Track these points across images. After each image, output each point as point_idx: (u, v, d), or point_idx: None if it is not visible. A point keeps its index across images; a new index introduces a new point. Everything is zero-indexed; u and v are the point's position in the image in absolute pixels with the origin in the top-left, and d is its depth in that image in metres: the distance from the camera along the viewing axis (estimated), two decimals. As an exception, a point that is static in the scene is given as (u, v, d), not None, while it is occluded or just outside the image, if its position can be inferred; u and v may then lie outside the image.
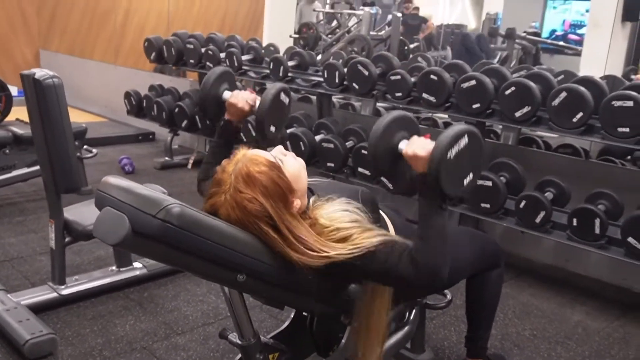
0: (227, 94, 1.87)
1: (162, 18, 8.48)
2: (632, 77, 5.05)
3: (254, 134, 3.75)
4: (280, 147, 1.54)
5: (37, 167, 3.63)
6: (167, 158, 4.87)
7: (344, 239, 1.42)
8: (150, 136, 5.78)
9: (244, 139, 3.74)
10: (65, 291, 2.46)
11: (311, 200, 1.54)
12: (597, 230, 2.62)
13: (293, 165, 1.49)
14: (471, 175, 1.50)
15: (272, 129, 1.85)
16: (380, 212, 1.70)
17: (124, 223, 1.20)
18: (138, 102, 5.02)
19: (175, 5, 8.58)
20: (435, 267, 1.40)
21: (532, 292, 2.95)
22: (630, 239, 2.50)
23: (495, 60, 7.10)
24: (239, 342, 1.60)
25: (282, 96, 1.86)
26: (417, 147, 1.46)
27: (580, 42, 10.85)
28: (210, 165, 1.77)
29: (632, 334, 2.59)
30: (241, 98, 1.81)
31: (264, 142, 1.82)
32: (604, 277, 3.08)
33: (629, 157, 3.87)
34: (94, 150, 3.89)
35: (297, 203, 1.44)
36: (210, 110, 1.90)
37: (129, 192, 1.26)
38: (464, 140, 1.43)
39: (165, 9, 8.49)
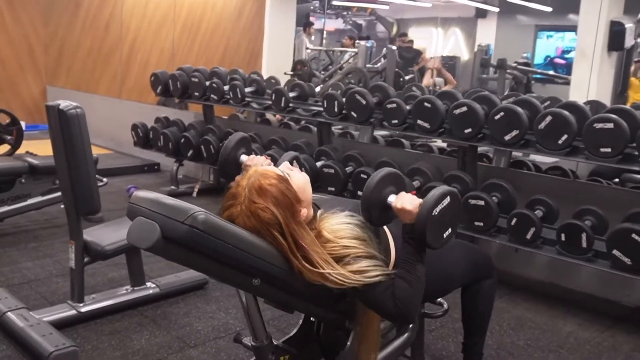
0: (244, 158, 2.08)
1: (165, 53, 8.77)
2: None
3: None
4: (286, 163, 1.75)
5: (51, 196, 3.85)
6: (173, 187, 5.05)
7: (342, 258, 1.60)
8: (156, 167, 5.97)
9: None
10: (84, 309, 2.61)
11: (318, 213, 1.72)
12: (584, 244, 2.78)
13: (299, 179, 1.68)
14: (450, 230, 1.70)
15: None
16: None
17: (155, 229, 1.36)
18: (145, 134, 5.21)
19: (178, 41, 8.88)
20: (412, 307, 1.62)
21: (527, 306, 3.09)
22: (615, 252, 2.66)
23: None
24: (253, 343, 1.74)
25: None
26: (405, 201, 1.66)
27: (564, 66, 11.25)
28: None
29: (621, 342, 2.73)
30: (256, 162, 2.01)
31: None
32: (595, 292, 3.23)
33: (617, 179, 4.05)
34: (104, 179, 4.07)
35: (304, 212, 1.62)
36: (229, 171, 2.10)
37: (158, 202, 1.42)
38: (447, 200, 1.65)
39: (168, 45, 8.79)
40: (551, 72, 9.63)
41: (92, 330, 2.56)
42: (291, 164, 2.13)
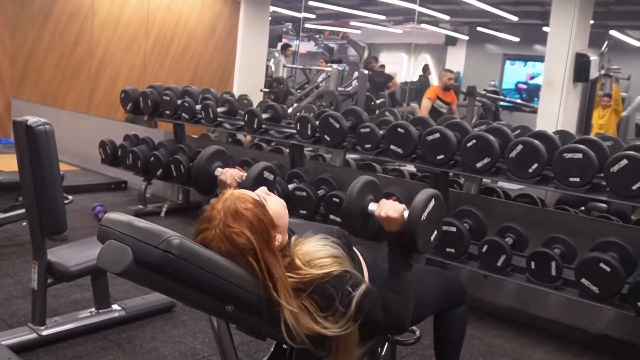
0: (218, 171, 2.04)
1: (136, 70, 8.68)
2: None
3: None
4: (264, 188, 1.72)
5: (13, 213, 3.71)
6: (140, 206, 4.95)
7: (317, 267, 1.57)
8: (123, 185, 5.86)
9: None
10: (46, 332, 2.51)
11: (292, 239, 1.69)
12: (554, 273, 2.81)
13: (275, 204, 1.65)
14: (435, 233, 1.72)
15: None
16: (354, 249, 1.86)
17: (127, 253, 1.31)
18: (113, 151, 5.12)
19: (149, 57, 8.81)
20: (405, 316, 1.61)
21: (496, 332, 3.10)
22: (583, 280, 2.70)
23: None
24: (224, 372, 1.70)
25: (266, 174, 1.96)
26: (389, 209, 1.66)
27: (526, 90, 11.61)
28: None
29: (589, 371, 2.75)
30: (229, 175, 1.98)
31: None
32: (562, 319, 3.26)
33: (582, 207, 4.13)
34: (70, 197, 3.96)
35: (278, 237, 1.59)
36: (202, 184, 2.07)
37: (131, 225, 1.38)
38: (432, 203, 1.66)
39: (139, 61, 8.71)
40: (518, 101, 9.85)
41: (54, 354, 2.46)
42: (262, 174, 2.10)
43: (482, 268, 3.06)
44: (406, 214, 1.65)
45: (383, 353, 2.14)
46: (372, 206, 1.71)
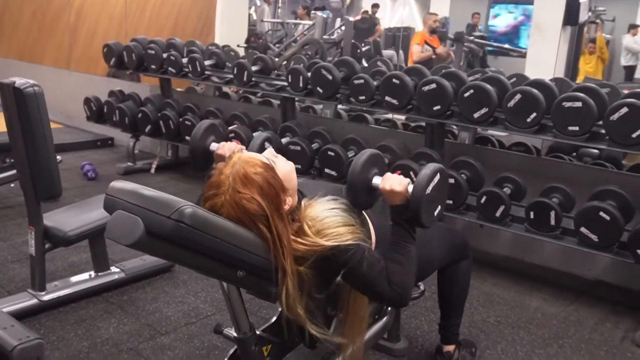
0: (214, 146, 1.98)
1: (115, 21, 8.37)
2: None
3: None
4: (271, 149, 1.67)
5: (1, 175, 3.63)
6: (129, 163, 4.87)
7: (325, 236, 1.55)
8: (109, 142, 5.75)
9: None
10: (46, 297, 2.49)
11: (303, 202, 1.65)
12: (553, 222, 2.82)
13: (284, 166, 1.61)
14: (440, 207, 1.71)
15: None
16: (363, 212, 1.83)
17: (138, 225, 1.27)
18: (98, 108, 4.99)
19: (128, 8, 8.49)
20: (408, 289, 1.62)
21: (494, 282, 3.14)
22: (582, 229, 2.72)
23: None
24: (236, 335, 1.69)
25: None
26: (394, 183, 1.64)
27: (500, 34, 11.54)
28: None
29: (586, 316, 2.80)
30: (227, 149, 1.92)
31: None
32: (558, 266, 3.30)
33: (574, 153, 4.14)
34: (59, 157, 3.86)
35: (289, 200, 1.56)
36: (199, 161, 2.01)
37: (140, 195, 1.33)
38: (437, 177, 1.65)
39: (118, 12, 8.39)
40: (506, 46, 9.74)
41: (56, 319, 2.45)
42: (263, 146, 2.06)
43: (481, 219, 3.06)
44: (410, 187, 1.64)
45: (388, 309, 2.17)
46: (377, 180, 1.70)
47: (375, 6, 10.98)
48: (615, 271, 3.11)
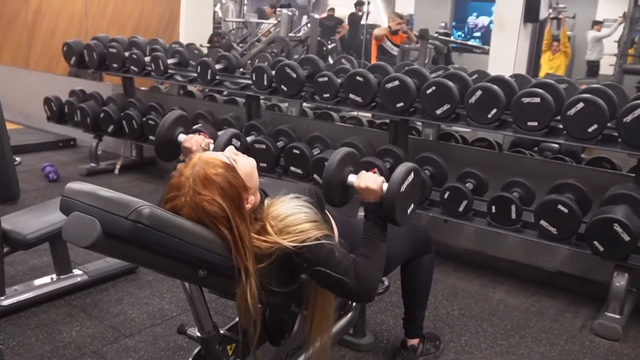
0: (182, 137, 1.97)
1: (75, 19, 8.21)
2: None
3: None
4: (231, 148, 1.67)
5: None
6: (92, 164, 4.79)
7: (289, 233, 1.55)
8: (72, 142, 5.64)
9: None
10: (6, 302, 2.44)
11: (266, 201, 1.65)
12: (514, 216, 2.88)
13: (245, 165, 1.61)
14: (413, 206, 1.74)
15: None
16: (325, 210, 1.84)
17: (95, 226, 1.26)
18: (59, 108, 4.89)
19: (89, 5, 8.33)
20: (375, 284, 1.63)
21: (458, 275, 3.19)
22: (542, 222, 2.78)
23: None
24: (199, 334, 1.68)
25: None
26: (368, 180, 1.67)
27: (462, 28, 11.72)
28: None
29: (547, 307, 2.87)
30: (195, 142, 1.89)
31: None
32: (520, 259, 3.38)
33: (535, 148, 4.23)
34: (18, 159, 3.79)
35: (251, 199, 1.55)
36: (165, 152, 1.99)
37: (96, 196, 1.32)
38: (411, 176, 1.68)
39: (78, 9, 8.23)
40: (470, 42, 9.87)
41: (17, 324, 2.40)
42: (230, 142, 2.05)
43: (445, 214, 3.11)
44: (385, 186, 1.66)
45: (353, 305, 2.19)
46: (352, 177, 1.72)
47: (360, 4, 10.94)
48: (574, 262, 3.19)
